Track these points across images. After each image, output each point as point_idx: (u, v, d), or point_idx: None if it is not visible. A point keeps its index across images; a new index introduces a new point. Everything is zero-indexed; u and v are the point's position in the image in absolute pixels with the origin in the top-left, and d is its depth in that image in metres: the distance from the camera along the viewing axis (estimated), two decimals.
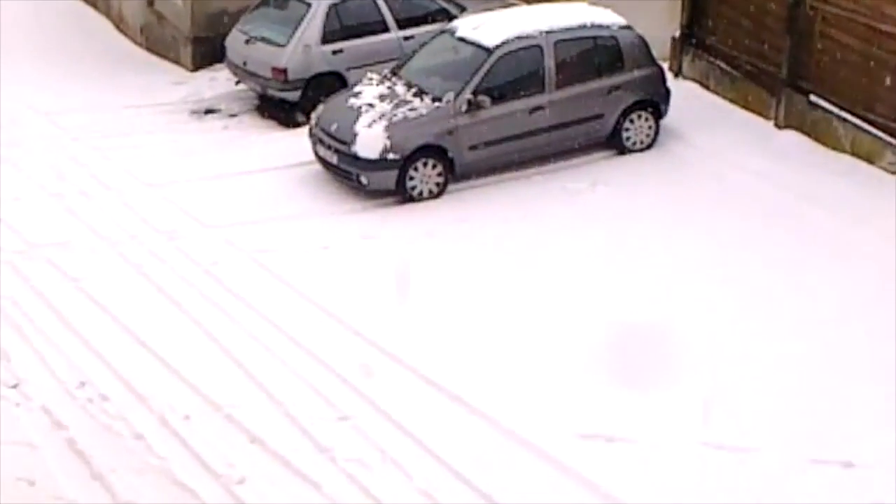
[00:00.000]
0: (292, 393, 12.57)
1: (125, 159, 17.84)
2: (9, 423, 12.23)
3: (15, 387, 12.78)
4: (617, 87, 17.49)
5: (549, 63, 17.09)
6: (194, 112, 19.62)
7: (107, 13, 23.20)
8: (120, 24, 22.76)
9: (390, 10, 19.38)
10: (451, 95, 16.77)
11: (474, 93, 16.79)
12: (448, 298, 14.14)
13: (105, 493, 11.30)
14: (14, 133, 18.51)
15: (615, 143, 17.66)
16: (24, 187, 16.96)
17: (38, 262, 15.02)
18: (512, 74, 16.99)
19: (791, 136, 17.65)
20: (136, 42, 22.23)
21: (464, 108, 16.77)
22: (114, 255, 15.25)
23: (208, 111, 19.67)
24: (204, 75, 20.61)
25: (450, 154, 16.73)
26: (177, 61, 21.20)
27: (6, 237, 15.60)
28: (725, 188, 16.51)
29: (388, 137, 16.54)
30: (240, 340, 13.46)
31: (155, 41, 21.82)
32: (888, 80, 16.40)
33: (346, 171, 16.77)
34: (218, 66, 20.38)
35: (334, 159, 16.85)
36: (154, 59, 21.67)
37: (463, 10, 19.65)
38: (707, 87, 19.20)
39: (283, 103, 19.17)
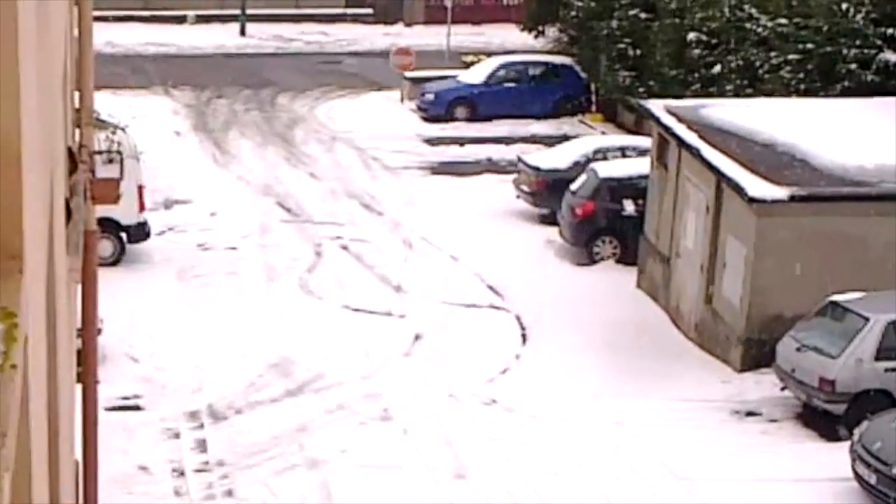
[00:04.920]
0: None
1: (662, 447, 18.00)
2: None
3: None
4: None
5: None
6: (735, 412, 19.51)
7: (665, 307, 23.72)
8: (676, 319, 23.19)
9: None
10: None
11: None
12: None
13: None
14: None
15: None
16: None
17: None
18: None
19: None
20: (688, 336, 22.51)
21: None
22: None
23: (749, 413, 19.51)
24: (750, 377, 20.49)
25: None
26: (726, 360, 21.25)
27: None
28: None
29: None
30: None
31: (708, 337, 22.00)
32: None
33: (884, 494, 16.10)
34: (765, 369, 20.24)
35: (873, 479, 16.24)
36: (705, 355, 21.81)
37: None
38: None
39: (827, 415, 18.73)
